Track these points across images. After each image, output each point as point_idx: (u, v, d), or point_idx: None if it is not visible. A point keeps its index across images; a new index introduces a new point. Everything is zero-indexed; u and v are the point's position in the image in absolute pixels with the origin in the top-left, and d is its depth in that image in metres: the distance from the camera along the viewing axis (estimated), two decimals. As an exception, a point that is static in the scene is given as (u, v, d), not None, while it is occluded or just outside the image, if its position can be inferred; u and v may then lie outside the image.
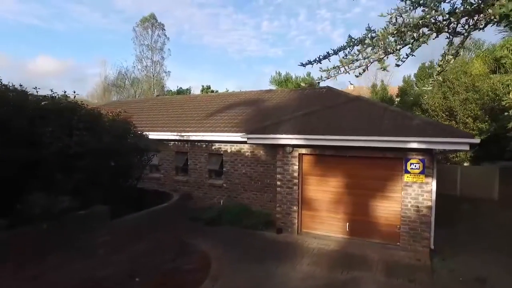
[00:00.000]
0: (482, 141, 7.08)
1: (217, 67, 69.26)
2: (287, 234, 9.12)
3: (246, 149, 10.63)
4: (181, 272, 6.53)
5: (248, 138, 9.35)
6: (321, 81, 2.17)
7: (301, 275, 6.59)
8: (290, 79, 30.33)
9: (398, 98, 26.21)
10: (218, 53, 69.33)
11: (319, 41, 70.01)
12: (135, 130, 7.35)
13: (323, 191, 8.99)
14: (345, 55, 2.03)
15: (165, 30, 39.25)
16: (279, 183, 9.36)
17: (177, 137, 11.59)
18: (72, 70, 57.09)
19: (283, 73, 31.06)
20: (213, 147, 11.32)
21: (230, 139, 10.46)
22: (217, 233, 9.19)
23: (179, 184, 12.10)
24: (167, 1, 62.83)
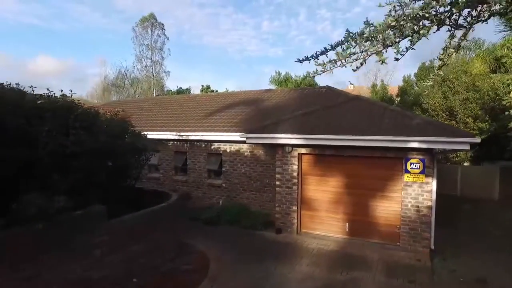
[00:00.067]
0: (482, 141, 7.03)
1: (217, 67, 69.30)
2: (287, 234, 9.07)
3: (246, 148, 10.59)
4: (179, 273, 6.48)
5: (247, 138, 9.30)
6: (316, 74, 2.11)
7: (300, 276, 6.55)
8: (290, 79, 30.22)
9: (398, 98, 26.16)
10: (218, 53, 69.39)
11: (319, 41, 69.97)
12: (133, 129, 7.30)
13: (323, 191, 8.93)
14: (343, 50, 1.97)
15: (164, 30, 39.25)
16: (278, 183, 9.31)
17: (176, 137, 11.55)
18: (72, 70, 57.17)
19: (283, 73, 30.94)
20: (212, 147, 11.28)
21: (229, 138, 10.41)
22: (216, 233, 9.14)
23: (178, 184, 12.06)
24: (167, 1, 62.85)
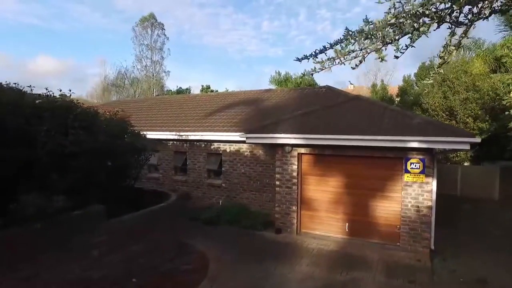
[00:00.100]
0: (483, 140, 7.02)
1: (217, 67, 69.29)
2: (286, 234, 9.05)
3: (245, 148, 10.57)
4: (179, 273, 6.46)
5: (247, 138, 9.28)
6: (314, 72, 2.09)
7: (300, 276, 6.53)
8: (289, 78, 30.19)
9: (398, 98, 26.13)
10: (218, 53, 69.37)
11: (319, 41, 70.01)
12: (132, 129, 7.28)
13: (323, 191, 8.91)
14: (342, 48, 1.95)
15: (164, 29, 39.20)
16: (278, 183, 9.29)
17: (176, 137, 11.53)
18: (72, 70, 57.15)
19: (282, 73, 30.93)
20: (212, 147, 11.26)
21: (229, 138, 10.39)
22: (215, 233, 9.12)
23: (178, 184, 12.04)
24: (167, 1, 62.82)
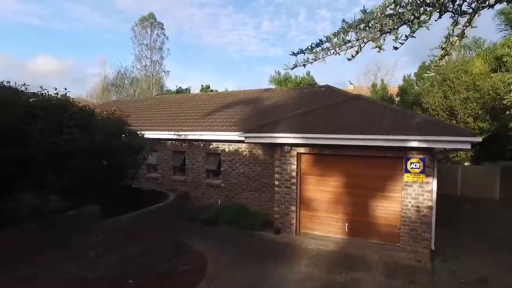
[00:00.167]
0: (483, 140, 6.95)
1: (217, 67, 69.23)
2: (285, 234, 8.98)
3: (244, 148, 10.50)
4: (177, 273, 6.39)
5: (245, 137, 9.21)
6: (307, 63, 2.02)
7: (299, 277, 6.46)
8: (289, 78, 30.13)
9: (398, 98, 26.06)
10: (218, 53, 69.32)
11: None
12: (130, 128, 7.21)
13: (322, 191, 8.85)
14: (338, 40, 1.88)
15: (164, 29, 39.11)
16: (277, 182, 9.22)
17: (174, 136, 11.47)
18: (72, 70, 57.08)
19: (282, 73, 30.88)
20: (210, 147, 11.19)
21: (228, 138, 10.33)
22: (214, 234, 9.05)
23: (177, 183, 11.97)
24: (167, 1, 62.75)
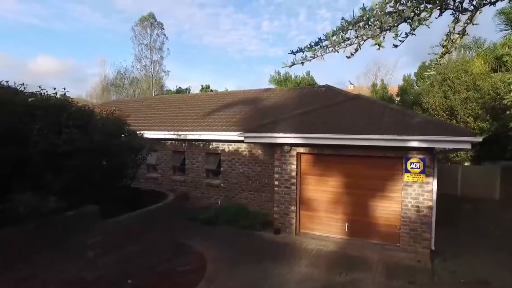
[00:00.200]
0: (483, 140, 6.94)
1: (217, 67, 69.22)
2: (285, 234, 8.96)
3: (244, 148, 10.48)
4: (176, 274, 6.37)
5: (245, 137, 9.19)
6: (305, 61, 2.00)
7: (299, 277, 6.44)
8: (289, 78, 30.12)
9: (398, 98, 26.04)
10: (218, 53, 69.30)
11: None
12: (129, 128, 7.18)
13: (322, 191, 8.82)
14: (337, 37, 1.86)
15: (164, 29, 39.10)
16: (276, 182, 9.20)
17: (174, 136, 11.45)
18: (72, 70, 57.09)
19: (282, 73, 30.86)
20: (210, 147, 11.17)
21: (227, 138, 10.31)
22: (214, 234, 9.03)
23: (176, 184, 11.95)
24: (167, 1, 62.73)
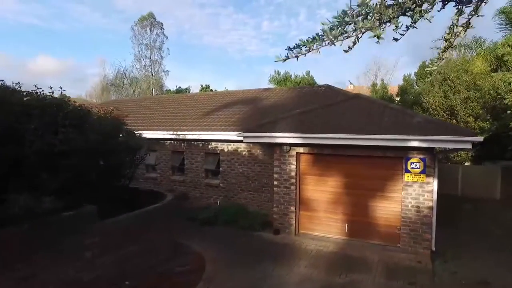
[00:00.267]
0: (484, 140, 6.89)
1: (217, 67, 69.17)
2: (285, 235, 8.90)
3: (243, 148, 10.42)
4: (174, 274, 6.32)
5: (244, 137, 9.13)
6: (300, 54, 1.94)
7: (298, 278, 6.39)
8: (289, 78, 30.09)
9: (398, 97, 25.98)
10: (218, 53, 69.23)
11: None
12: (127, 128, 7.13)
13: (321, 191, 8.77)
14: (333, 30, 1.79)
15: (163, 29, 39.04)
16: (276, 183, 9.14)
17: (173, 136, 11.39)
18: (72, 70, 57.11)
19: (282, 72, 30.82)
20: (209, 146, 11.11)
21: (226, 138, 10.25)
22: (213, 234, 8.97)
23: (175, 184, 11.89)
24: (167, 1, 62.65)
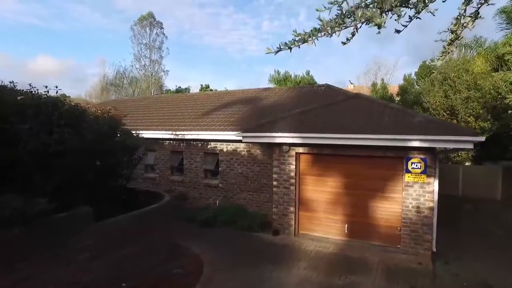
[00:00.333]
0: (484, 140, 6.82)
1: (218, 67, 69.15)
2: (284, 236, 8.82)
3: (242, 148, 10.34)
4: (171, 277, 6.23)
5: (243, 137, 9.05)
6: (294, 46, 1.87)
7: (297, 280, 6.30)
8: (289, 77, 30.01)
9: (399, 97, 25.89)
10: (219, 53, 69.20)
11: (319, 40, 69.85)
12: (124, 127, 7.04)
13: (321, 191, 8.68)
14: (332, 22, 1.72)
15: (163, 28, 38.99)
16: (275, 183, 9.06)
17: (172, 136, 11.31)
18: (72, 70, 57.06)
19: (282, 72, 30.73)
20: (208, 146, 11.03)
21: (226, 138, 10.17)
22: (211, 235, 8.89)
23: (174, 184, 11.81)
24: (167, 1, 62.60)
